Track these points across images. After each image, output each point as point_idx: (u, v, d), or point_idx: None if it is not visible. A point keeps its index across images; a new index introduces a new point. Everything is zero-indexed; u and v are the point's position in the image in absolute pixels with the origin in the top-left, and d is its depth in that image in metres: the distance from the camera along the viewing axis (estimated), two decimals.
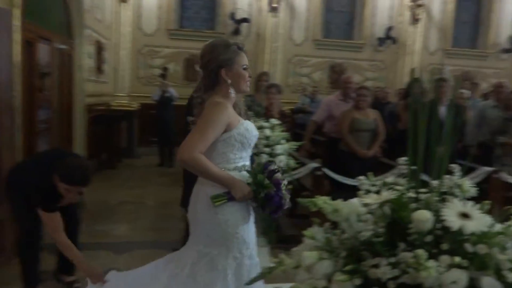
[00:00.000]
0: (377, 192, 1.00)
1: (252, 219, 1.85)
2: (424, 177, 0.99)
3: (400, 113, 5.22)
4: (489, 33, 9.92)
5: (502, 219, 0.97)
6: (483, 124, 4.81)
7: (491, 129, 4.72)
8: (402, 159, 1.10)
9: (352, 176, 3.88)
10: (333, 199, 1.01)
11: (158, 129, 7.43)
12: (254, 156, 2.38)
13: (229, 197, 1.70)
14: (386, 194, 0.94)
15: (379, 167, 4.36)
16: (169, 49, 8.97)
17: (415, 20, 9.35)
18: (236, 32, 8.93)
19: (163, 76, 7.98)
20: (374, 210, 0.94)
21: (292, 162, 3.39)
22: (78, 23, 5.47)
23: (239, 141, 1.76)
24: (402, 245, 0.90)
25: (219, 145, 1.74)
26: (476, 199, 0.95)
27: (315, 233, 1.04)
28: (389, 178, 1.05)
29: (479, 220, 0.84)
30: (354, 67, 9.40)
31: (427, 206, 0.89)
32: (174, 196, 5.22)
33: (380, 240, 0.88)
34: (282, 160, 3.24)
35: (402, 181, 1.05)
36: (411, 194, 0.94)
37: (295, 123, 8.08)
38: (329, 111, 4.78)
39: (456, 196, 0.94)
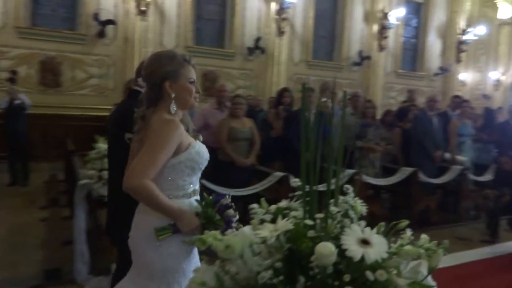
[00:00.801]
0: (272, 220, 0.90)
1: (195, 250, 1.66)
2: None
3: (272, 121, 5.41)
4: (343, 48, 11.11)
5: (390, 234, 0.96)
6: (344, 130, 5.29)
7: (350, 135, 5.21)
8: (295, 180, 1.03)
9: (233, 186, 3.87)
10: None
11: (8, 142, 6.39)
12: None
13: (175, 229, 1.53)
14: (283, 224, 0.84)
15: (256, 175, 4.42)
16: (19, 49, 7.80)
17: (280, 32, 9.93)
18: (101, 34, 8.25)
19: (11, 80, 6.91)
20: (270, 243, 0.84)
21: None
22: None
23: (189, 166, 1.60)
24: (301, 279, 0.82)
25: (166, 171, 1.56)
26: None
27: (203, 273, 0.89)
28: (283, 202, 0.97)
29: (379, 246, 0.80)
30: (226, 75, 9.53)
31: (326, 235, 0.83)
32: (29, 220, 4.53)
33: (280, 279, 0.78)
34: None
35: (295, 204, 0.97)
36: (308, 221, 0.86)
37: None
38: (204, 120, 4.68)
39: (351, 219, 0.90)
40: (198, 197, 1.67)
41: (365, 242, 0.80)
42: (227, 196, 1.65)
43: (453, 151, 5.98)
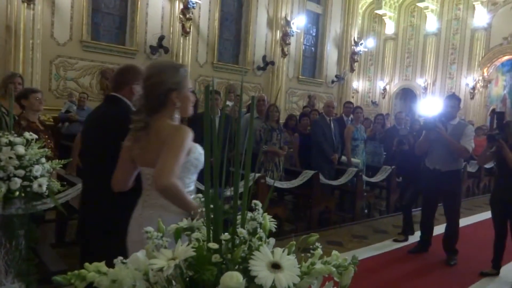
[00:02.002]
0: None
1: None
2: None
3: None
4: (247, 52, 11.26)
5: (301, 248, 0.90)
6: (251, 134, 5.30)
7: (255, 138, 5.23)
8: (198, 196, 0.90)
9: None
10: None
11: None
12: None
13: None
14: (182, 250, 0.71)
15: None
16: None
17: (185, 32, 9.69)
18: None
19: None
20: (168, 273, 0.70)
21: (56, 185, 2.80)
22: None
23: (194, 165, 1.73)
24: None
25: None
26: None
27: None
28: (183, 221, 0.83)
29: (291, 269, 0.71)
30: None
31: (234, 260, 0.72)
32: None
33: None
34: (42, 184, 2.61)
35: (198, 223, 0.85)
36: (212, 245, 0.74)
37: (60, 134, 7.09)
38: None
39: (260, 238, 0.80)
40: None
41: (275, 266, 0.71)
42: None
43: (348, 154, 6.39)
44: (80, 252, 2.35)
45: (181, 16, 9.58)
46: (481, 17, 16.11)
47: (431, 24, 17.50)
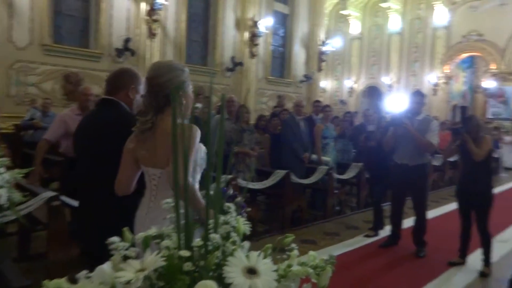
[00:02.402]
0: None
1: None
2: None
3: None
4: (216, 53, 11.19)
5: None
6: (222, 135, 5.26)
7: (226, 140, 5.19)
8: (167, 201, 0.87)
9: None
10: None
11: None
12: None
13: (201, 222, 1.43)
14: (151, 260, 0.68)
15: None
16: None
17: (152, 34, 9.52)
18: None
19: None
20: (136, 285, 0.66)
21: (17, 196, 2.67)
22: None
23: (199, 165, 1.72)
24: None
25: None
26: None
27: None
28: (152, 230, 0.80)
29: (267, 274, 0.69)
30: (92, 78, 8.72)
31: (207, 267, 0.69)
32: None
33: None
34: (2, 195, 2.48)
35: (168, 230, 0.81)
36: (184, 252, 0.71)
37: (22, 142, 6.81)
38: (65, 128, 4.12)
39: (234, 242, 0.78)
40: None
41: (251, 272, 0.68)
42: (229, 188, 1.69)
43: (319, 153, 6.45)
44: (83, 256, 2.38)
45: (147, 17, 9.42)
46: (441, 16, 16.70)
47: (395, 23, 17.98)
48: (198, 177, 1.75)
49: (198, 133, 1.65)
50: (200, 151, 1.71)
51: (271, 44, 12.72)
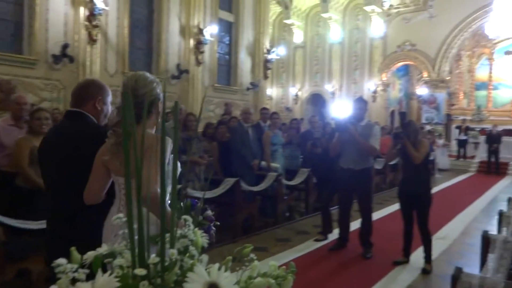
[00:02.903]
0: (89, 276, 0.67)
1: None
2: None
3: None
4: (160, 60, 10.96)
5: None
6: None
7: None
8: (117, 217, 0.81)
9: (37, 217, 3.22)
10: None
11: None
12: None
13: None
14: (103, 281, 0.62)
15: None
16: None
17: (92, 40, 9.12)
18: None
19: None
20: None
21: None
22: None
23: (169, 176, 1.70)
24: None
25: None
26: None
27: None
28: (103, 248, 0.73)
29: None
30: (26, 86, 8.17)
31: (165, 286, 0.64)
32: None
33: None
34: None
35: (120, 248, 0.75)
36: (139, 271, 0.66)
37: None
38: None
39: (192, 256, 0.74)
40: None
41: (213, 287, 0.65)
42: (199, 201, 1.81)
43: (268, 160, 6.50)
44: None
45: (86, 23, 9.00)
46: (377, 27, 17.64)
47: (335, 33, 18.72)
48: (169, 188, 1.74)
49: (170, 144, 1.68)
50: (170, 163, 1.75)
51: (217, 51, 12.69)
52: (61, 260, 0.65)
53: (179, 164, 1.74)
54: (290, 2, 18.82)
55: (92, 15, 8.94)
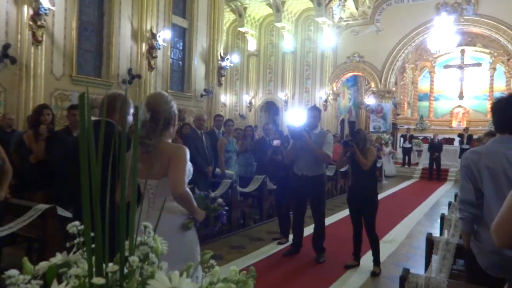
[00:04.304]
0: None
1: None
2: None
3: (30, 143, 4.57)
4: (111, 64, 10.61)
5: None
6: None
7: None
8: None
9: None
10: None
11: None
12: None
13: (194, 220, 2.13)
14: None
15: (9, 211, 3.60)
16: None
17: (36, 41, 8.66)
18: None
19: None
20: None
21: None
22: None
23: (188, 175, 2.10)
24: None
25: None
26: None
27: None
28: (57, 257, 0.70)
29: None
30: None
31: None
32: None
33: None
34: None
35: (75, 257, 0.72)
36: (97, 280, 0.63)
37: None
38: None
39: (152, 263, 0.72)
40: None
41: None
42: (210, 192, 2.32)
43: (222, 166, 6.48)
44: None
45: (31, 23, 8.55)
46: (328, 38, 18.24)
47: (288, 42, 19.12)
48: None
49: (187, 151, 2.10)
50: (189, 163, 2.14)
51: (170, 57, 12.52)
52: (13, 271, 0.61)
53: (191, 167, 2.17)
54: (244, 10, 19.01)
55: (37, 15, 8.51)
